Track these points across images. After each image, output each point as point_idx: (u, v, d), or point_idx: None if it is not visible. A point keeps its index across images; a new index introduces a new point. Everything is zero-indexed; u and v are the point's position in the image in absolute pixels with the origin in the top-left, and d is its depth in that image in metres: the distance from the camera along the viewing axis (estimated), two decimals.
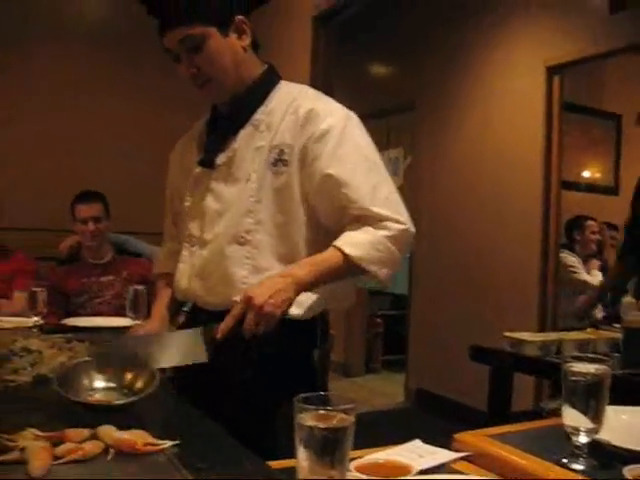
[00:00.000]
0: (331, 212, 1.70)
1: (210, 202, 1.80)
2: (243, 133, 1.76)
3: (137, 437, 1.17)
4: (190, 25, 1.67)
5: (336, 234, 1.65)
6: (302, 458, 0.95)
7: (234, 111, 1.80)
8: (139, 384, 1.46)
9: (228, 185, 1.76)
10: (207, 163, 1.80)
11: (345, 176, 1.65)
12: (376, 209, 1.63)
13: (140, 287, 2.54)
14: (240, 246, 1.72)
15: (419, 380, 5.75)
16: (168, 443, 1.18)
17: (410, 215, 1.70)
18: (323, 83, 4.33)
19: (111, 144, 4.84)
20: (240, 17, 1.74)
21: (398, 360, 6.51)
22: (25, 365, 1.85)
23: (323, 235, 1.72)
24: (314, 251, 1.67)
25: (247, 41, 1.77)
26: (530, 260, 4.64)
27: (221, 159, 1.78)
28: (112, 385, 1.49)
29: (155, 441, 1.18)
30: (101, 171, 4.65)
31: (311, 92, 1.80)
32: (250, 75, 1.79)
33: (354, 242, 1.61)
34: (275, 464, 1.18)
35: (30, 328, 2.48)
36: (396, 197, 1.69)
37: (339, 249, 1.60)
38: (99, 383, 1.49)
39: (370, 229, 1.62)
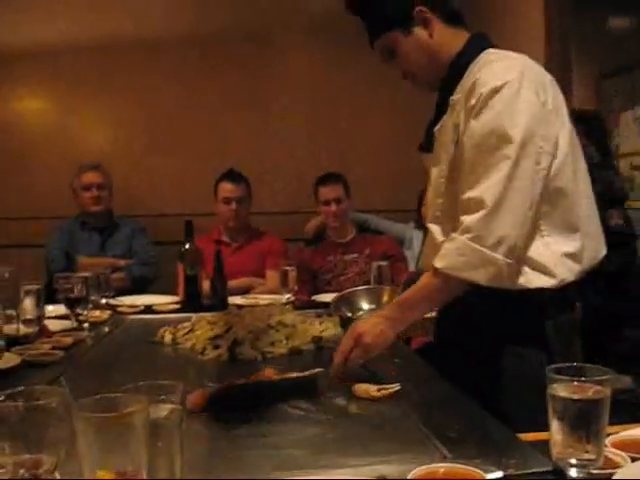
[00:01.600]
0: None
1: (430, 184, 1.82)
2: (445, 116, 1.73)
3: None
4: (379, 36, 1.73)
5: None
6: (555, 431, 0.93)
7: (440, 96, 1.78)
8: None
9: (434, 167, 1.77)
10: (425, 148, 1.83)
11: (471, 158, 1.56)
12: (466, 195, 1.53)
13: (383, 263, 2.61)
14: (437, 226, 1.73)
15: None
16: (395, 387, 1.44)
17: None
18: (560, 41, 4.11)
19: (353, 130, 4.97)
20: (418, 8, 1.69)
21: None
22: (281, 338, 2.00)
23: None
24: None
25: (435, 26, 1.70)
26: None
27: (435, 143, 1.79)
28: None
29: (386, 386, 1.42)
30: (342, 155, 4.80)
31: (492, 58, 1.64)
32: (449, 54, 1.71)
33: (442, 254, 1.54)
34: (526, 436, 1.17)
35: (284, 304, 2.65)
36: (502, 185, 1.49)
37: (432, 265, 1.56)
38: None
39: (455, 235, 1.53)
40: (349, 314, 2.12)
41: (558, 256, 1.56)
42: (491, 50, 1.67)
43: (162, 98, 4.78)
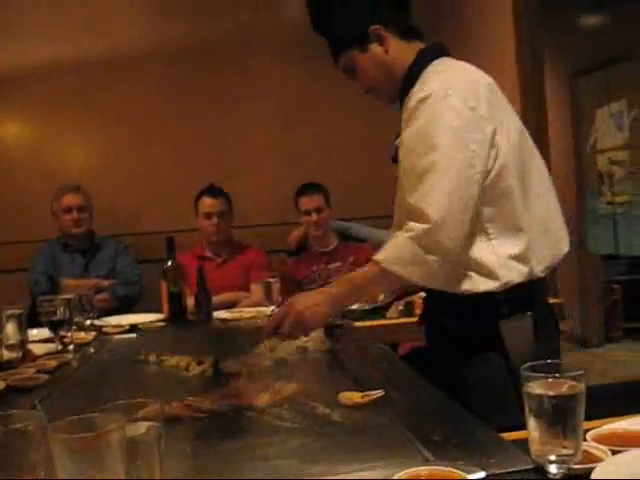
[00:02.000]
0: None
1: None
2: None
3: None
4: (339, 54, 1.81)
5: None
6: (533, 428, 0.94)
7: (401, 107, 1.83)
8: None
9: (399, 178, 1.81)
10: (394, 159, 1.88)
11: (406, 166, 1.66)
12: (412, 201, 1.58)
13: None
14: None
15: None
16: (379, 393, 1.43)
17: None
18: (530, 41, 4.14)
19: (333, 139, 4.98)
20: (373, 27, 1.75)
21: None
22: (263, 350, 2.00)
23: None
24: None
25: (390, 42, 1.76)
26: None
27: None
28: None
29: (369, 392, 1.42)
30: (322, 164, 4.81)
31: (430, 70, 1.71)
32: (403, 67, 1.77)
33: (383, 248, 1.62)
34: (509, 435, 1.18)
35: (268, 316, 2.65)
36: (442, 186, 1.54)
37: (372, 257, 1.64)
38: None
39: (397, 233, 1.60)
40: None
41: (504, 258, 1.61)
42: (437, 62, 1.73)
43: (141, 116, 4.79)
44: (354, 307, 2.52)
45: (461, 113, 1.56)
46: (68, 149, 4.89)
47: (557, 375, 0.93)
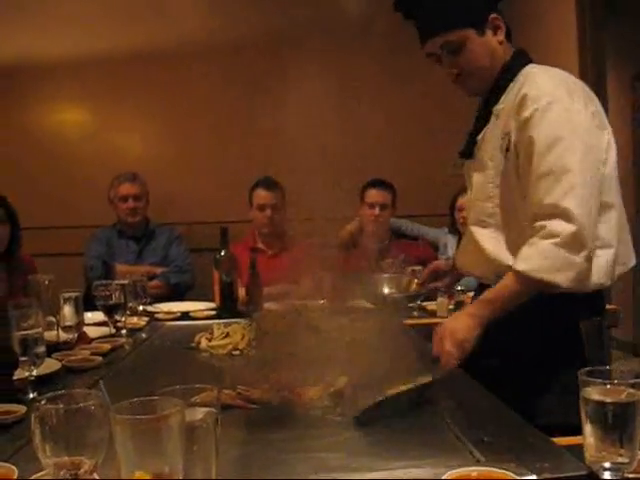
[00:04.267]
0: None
1: (471, 189, 1.90)
2: (489, 124, 1.81)
3: None
4: (449, 31, 1.75)
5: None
6: (588, 434, 0.93)
7: (483, 104, 1.85)
8: None
9: (477, 173, 1.84)
10: (466, 154, 1.89)
11: (535, 166, 1.62)
12: (551, 200, 1.57)
13: (417, 268, 2.61)
14: (482, 229, 1.81)
15: None
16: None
17: None
18: (593, 46, 4.07)
19: (386, 136, 4.95)
20: (494, 15, 1.77)
21: None
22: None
23: None
24: None
25: (502, 36, 1.79)
26: None
27: (476, 150, 1.85)
28: None
29: None
30: (376, 160, 4.79)
31: (536, 73, 1.73)
32: (501, 63, 1.79)
33: (523, 257, 1.59)
34: (560, 440, 1.17)
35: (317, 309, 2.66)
36: (580, 190, 1.56)
37: (513, 268, 1.61)
38: None
39: (536, 239, 1.57)
40: None
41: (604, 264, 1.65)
42: (532, 64, 1.78)
43: (200, 106, 4.82)
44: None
45: (586, 120, 1.63)
46: (126, 136, 4.96)
47: (616, 382, 0.92)
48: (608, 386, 0.91)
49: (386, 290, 2.29)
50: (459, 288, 2.67)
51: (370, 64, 4.77)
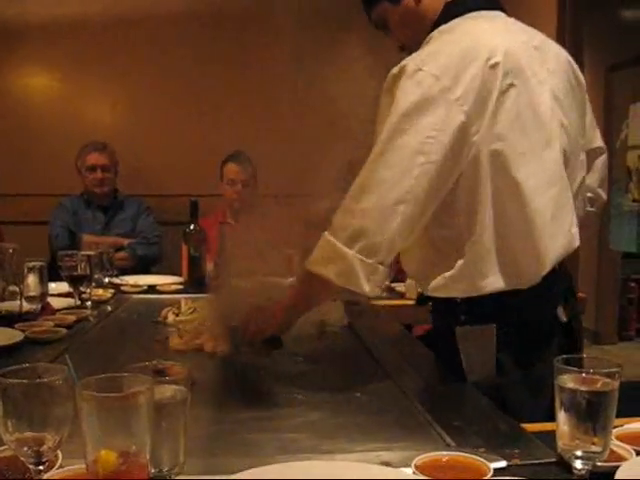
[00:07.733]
0: None
1: None
2: None
3: None
4: (370, 9, 1.66)
5: None
6: (562, 422, 0.92)
7: None
8: None
9: None
10: None
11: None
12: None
13: None
14: None
15: None
16: None
17: None
18: (571, 31, 4.08)
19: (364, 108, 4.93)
20: None
21: None
22: None
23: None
24: None
25: None
26: None
27: None
28: None
29: None
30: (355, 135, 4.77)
31: (434, 35, 1.50)
32: (433, 21, 1.55)
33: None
34: (530, 427, 1.17)
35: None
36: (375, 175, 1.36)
37: None
38: None
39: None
40: None
41: None
42: (459, 19, 1.50)
43: (170, 77, 4.74)
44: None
45: (426, 91, 1.34)
46: (96, 105, 4.87)
47: (591, 371, 0.91)
48: (583, 374, 0.91)
49: None
50: None
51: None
